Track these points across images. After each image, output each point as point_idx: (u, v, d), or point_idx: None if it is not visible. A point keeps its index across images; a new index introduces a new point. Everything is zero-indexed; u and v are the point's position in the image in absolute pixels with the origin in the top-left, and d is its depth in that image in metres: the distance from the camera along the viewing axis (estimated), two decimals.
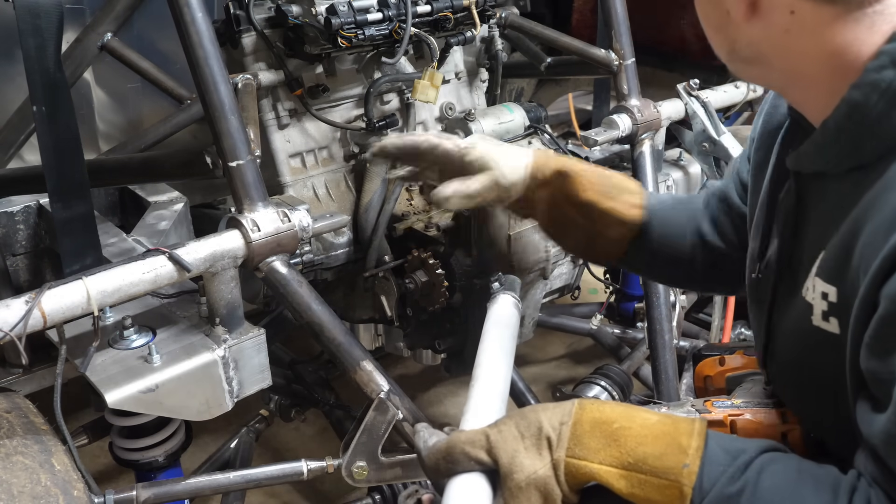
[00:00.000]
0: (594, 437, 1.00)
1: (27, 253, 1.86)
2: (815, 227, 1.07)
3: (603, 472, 0.98)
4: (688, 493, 0.94)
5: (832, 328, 1.00)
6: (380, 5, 1.80)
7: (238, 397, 1.48)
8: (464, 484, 1.02)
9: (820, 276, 1.01)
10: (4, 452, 1.21)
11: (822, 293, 1.00)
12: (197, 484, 1.47)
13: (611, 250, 1.43)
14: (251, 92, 1.74)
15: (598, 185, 1.39)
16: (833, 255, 0.99)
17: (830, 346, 1.00)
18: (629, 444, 0.99)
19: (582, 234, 1.43)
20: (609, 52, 2.18)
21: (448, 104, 2.14)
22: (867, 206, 0.94)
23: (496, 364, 1.26)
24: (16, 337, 1.18)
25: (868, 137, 0.96)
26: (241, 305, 1.48)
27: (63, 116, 1.42)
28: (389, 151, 1.50)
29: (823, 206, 1.06)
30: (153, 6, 2.09)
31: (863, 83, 0.94)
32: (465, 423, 1.11)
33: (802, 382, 1.12)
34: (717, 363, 1.47)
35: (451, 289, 1.77)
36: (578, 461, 0.99)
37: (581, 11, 2.73)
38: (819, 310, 1.01)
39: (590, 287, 2.96)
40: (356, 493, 2.04)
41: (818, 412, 1.11)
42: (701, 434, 0.99)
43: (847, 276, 0.95)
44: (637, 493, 0.97)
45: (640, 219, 1.39)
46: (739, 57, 1.06)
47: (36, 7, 1.35)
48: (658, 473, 0.96)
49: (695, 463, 0.96)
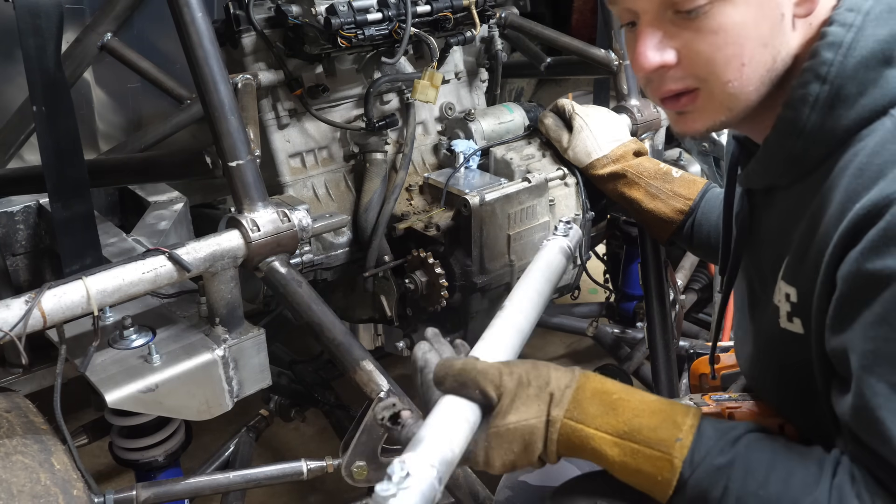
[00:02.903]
0: (593, 404, 1.02)
1: (27, 253, 1.86)
2: (773, 237, 1.12)
3: (598, 437, 1.00)
4: (678, 466, 0.96)
5: (796, 328, 1.04)
6: (380, 5, 1.80)
7: (238, 397, 1.48)
8: (457, 406, 1.02)
9: (784, 278, 1.05)
10: (4, 452, 1.21)
11: (785, 294, 1.05)
12: (197, 484, 1.47)
13: (657, 236, 1.77)
14: (251, 92, 1.74)
15: (647, 187, 1.73)
16: (794, 257, 1.03)
17: (798, 347, 1.03)
18: (626, 415, 1.00)
19: (635, 217, 1.81)
20: (609, 52, 2.18)
21: (448, 104, 2.14)
22: (817, 208, 0.99)
23: (525, 303, 1.26)
24: (16, 337, 1.19)
25: (807, 147, 1.01)
26: (241, 305, 1.48)
27: (63, 116, 1.42)
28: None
29: (776, 217, 1.11)
30: (153, 6, 2.09)
31: (793, 100, 1.00)
32: (476, 350, 1.13)
33: (780, 387, 1.16)
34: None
35: (451, 289, 1.77)
36: (575, 423, 1.01)
37: (581, 11, 2.73)
38: (784, 311, 1.06)
39: (590, 287, 2.96)
40: (356, 493, 2.04)
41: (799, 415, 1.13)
42: (696, 415, 1.01)
43: (804, 275, 1.00)
44: (629, 462, 0.99)
45: (679, 221, 1.69)
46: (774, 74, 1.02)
47: (36, 7, 1.35)
48: (651, 444, 0.98)
49: (688, 438, 0.97)
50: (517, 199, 1.81)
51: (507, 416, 1.01)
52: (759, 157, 1.09)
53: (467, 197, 1.74)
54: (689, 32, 1.00)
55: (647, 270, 2.00)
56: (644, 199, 1.73)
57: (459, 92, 2.20)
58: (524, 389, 1.02)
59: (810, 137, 1.00)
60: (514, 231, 1.82)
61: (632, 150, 1.81)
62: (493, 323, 1.20)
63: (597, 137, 1.84)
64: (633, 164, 1.78)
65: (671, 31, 1.01)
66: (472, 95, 2.24)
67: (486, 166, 1.98)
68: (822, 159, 1.00)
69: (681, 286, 2.33)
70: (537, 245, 1.86)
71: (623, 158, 1.80)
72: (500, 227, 1.80)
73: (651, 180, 1.73)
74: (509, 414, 1.01)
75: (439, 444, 0.93)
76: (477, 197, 1.75)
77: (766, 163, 1.09)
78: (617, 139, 1.84)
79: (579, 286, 2.13)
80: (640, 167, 1.76)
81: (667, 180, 1.73)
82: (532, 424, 1.01)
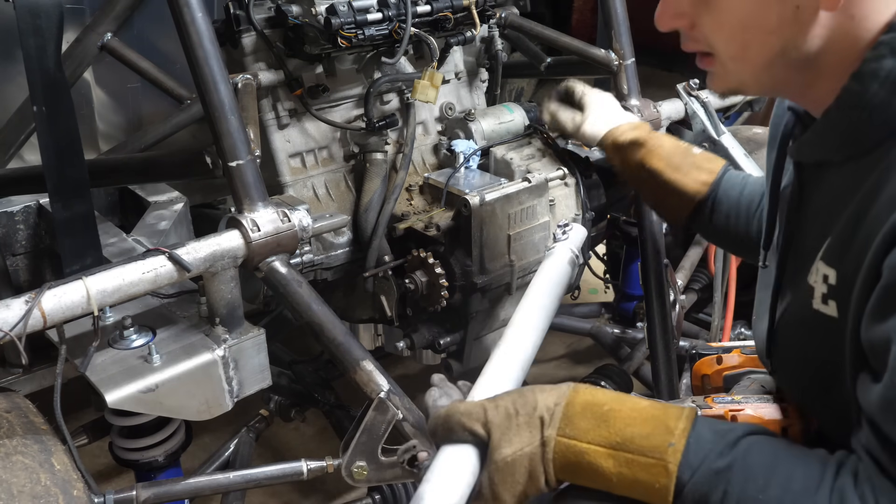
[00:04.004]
0: (584, 418, 1.02)
1: (27, 253, 1.86)
2: (818, 215, 1.09)
3: (591, 451, 1.00)
4: (673, 471, 0.96)
5: (830, 311, 1.01)
6: (380, 5, 1.80)
7: (238, 397, 1.48)
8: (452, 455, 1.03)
9: (824, 259, 1.03)
10: (4, 452, 1.20)
11: (823, 275, 1.02)
12: (197, 484, 1.47)
13: (674, 215, 1.68)
14: (251, 92, 1.74)
15: (669, 158, 1.65)
16: (837, 239, 1.01)
17: (828, 331, 1.01)
18: (618, 425, 1.00)
19: (651, 195, 1.72)
20: (609, 52, 2.18)
21: (448, 104, 2.14)
22: (869, 190, 0.96)
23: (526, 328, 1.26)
24: (16, 337, 1.18)
25: (867, 125, 0.98)
26: (241, 305, 1.48)
27: (63, 116, 1.42)
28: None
29: (825, 195, 1.08)
30: (153, 6, 2.09)
31: (862, 73, 0.97)
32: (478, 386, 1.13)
33: (802, 370, 1.13)
34: (715, 362, 1.47)
35: (451, 289, 1.77)
36: (568, 440, 1.01)
37: (581, 11, 2.74)
38: (819, 293, 1.03)
39: (590, 287, 2.96)
40: (356, 493, 2.04)
41: (817, 400, 1.12)
42: (689, 417, 1.00)
43: (848, 259, 0.97)
44: (625, 473, 0.99)
45: (701, 195, 1.59)
46: (787, 60, 1.02)
47: (36, 7, 1.35)
48: (644, 452, 0.98)
49: (680, 442, 0.97)
50: (517, 199, 1.81)
51: (502, 450, 1.02)
52: (817, 128, 1.07)
53: (467, 197, 1.74)
54: (702, 6, 1.05)
55: (647, 270, 2.00)
56: (666, 169, 1.64)
57: (459, 92, 2.20)
58: (513, 420, 1.03)
59: (874, 113, 0.97)
60: (514, 231, 1.82)
61: (647, 125, 1.79)
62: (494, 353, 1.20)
63: (613, 112, 1.84)
64: (653, 136, 1.73)
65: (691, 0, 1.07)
66: (472, 95, 2.24)
67: (486, 166, 1.98)
68: (882, 140, 0.97)
69: (681, 286, 2.33)
70: (537, 245, 1.87)
71: (642, 128, 1.76)
72: (501, 227, 1.80)
73: (672, 153, 1.67)
74: (503, 447, 1.02)
75: (437, 500, 0.95)
76: (477, 197, 1.75)
77: (823, 135, 1.06)
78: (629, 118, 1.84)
79: (579, 286, 2.13)
80: (661, 140, 1.71)
81: (687, 155, 1.67)
82: (528, 452, 1.02)
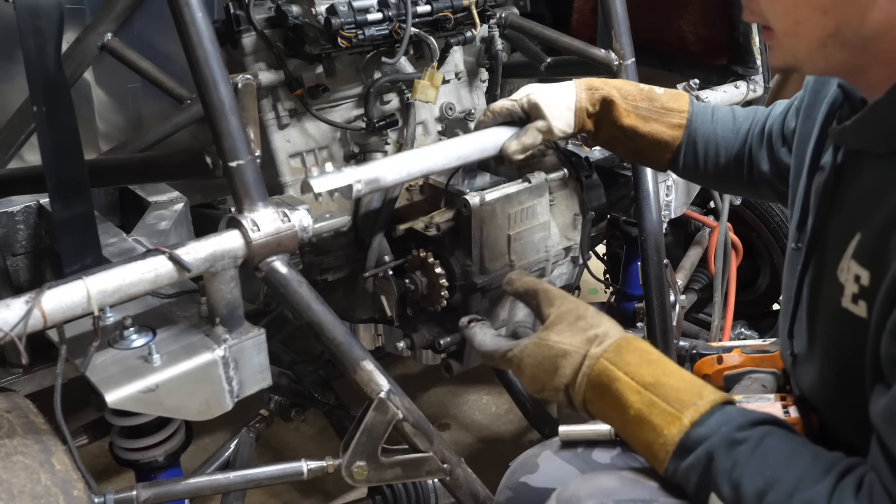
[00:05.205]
0: (633, 355, 1.08)
1: (27, 253, 1.86)
2: (852, 206, 1.07)
3: (624, 381, 1.06)
4: (685, 426, 1.00)
5: (860, 312, 1.00)
6: (380, 5, 1.80)
7: (238, 397, 1.47)
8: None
9: (856, 258, 1.01)
10: (4, 452, 1.21)
11: (855, 275, 1.00)
12: (197, 484, 1.47)
13: (656, 162, 1.66)
14: (251, 92, 1.74)
15: (639, 110, 1.59)
16: (871, 238, 0.98)
17: (855, 331, 0.99)
18: (657, 371, 1.06)
19: (628, 150, 1.66)
20: (609, 52, 2.18)
21: (448, 104, 2.14)
22: None
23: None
24: (16, 337, 1.18)
25: None
26: (241, 305, 1.48)
27: (63, 116, 1.41)
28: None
29: (862, 186, 1.06)
30: (153, 6, 2.08)
31: None
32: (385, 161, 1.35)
33: (822, 364, 1.12)
34: (716, 362, 1.47)
35: (452, 289, 1.77)
36: (609, 364, 1.07)
37: (581, 11, 2.73)
38: (850, 292, 1.01)
39: (590, 287, 2.96)
40: (356, 493, 2.04)
41: (833, 396, 1.11)
42: (724, 397, 1.04)
43: (882, 262, 0.95)
44: (643, 412, 1.04)
45: (679, 139, 1.59)
46: (842, 41, 0.98)
47: (36, 7, 1.35)
48: (669, 401, 1.03)
49: (704, 406, 1.01)
50: (517, 199, 1.81)
51: (550, 333, 1.12)
52: (863, 118, 1.03)
53: (467, 197, 1.74)
54: None
55: (647, 270, 2.00)
56: (638, 123, 1.58)
57: (459, 92, 2.20)
58: (576, 320, 1.11)
59: None
60: (514, 231, 1.82)
61: (587, 84, 1.61)
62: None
63: (554, 96, 1.61)
64: (611, 86, 1.60)
65: None
66: (472, 95, 2.24)
67: (487, 166, 1.98)
68: None
69: (681, 286, 2.33)
70: (537, 245, 1.87)
71: (595, 88, 1.60)
72: (501, 227, 1.80)
73: (638, 102, 1.59)
74: (553, 332, 1.11)
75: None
76: (477, 197, 1.75)
77: (869, 122, 1.02)
78: (568, 92, 1.61)
79: (579, 286, 2.13)
80: (622, 90, 1.60)
81: (653, 98, 1.60)
82: (568, 350, 1.09)
